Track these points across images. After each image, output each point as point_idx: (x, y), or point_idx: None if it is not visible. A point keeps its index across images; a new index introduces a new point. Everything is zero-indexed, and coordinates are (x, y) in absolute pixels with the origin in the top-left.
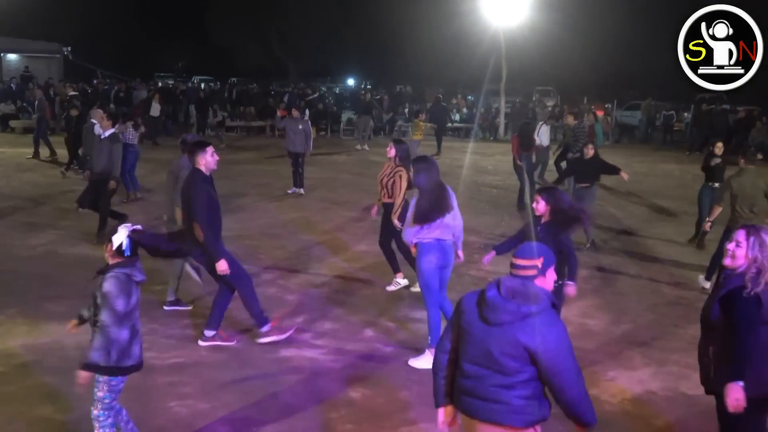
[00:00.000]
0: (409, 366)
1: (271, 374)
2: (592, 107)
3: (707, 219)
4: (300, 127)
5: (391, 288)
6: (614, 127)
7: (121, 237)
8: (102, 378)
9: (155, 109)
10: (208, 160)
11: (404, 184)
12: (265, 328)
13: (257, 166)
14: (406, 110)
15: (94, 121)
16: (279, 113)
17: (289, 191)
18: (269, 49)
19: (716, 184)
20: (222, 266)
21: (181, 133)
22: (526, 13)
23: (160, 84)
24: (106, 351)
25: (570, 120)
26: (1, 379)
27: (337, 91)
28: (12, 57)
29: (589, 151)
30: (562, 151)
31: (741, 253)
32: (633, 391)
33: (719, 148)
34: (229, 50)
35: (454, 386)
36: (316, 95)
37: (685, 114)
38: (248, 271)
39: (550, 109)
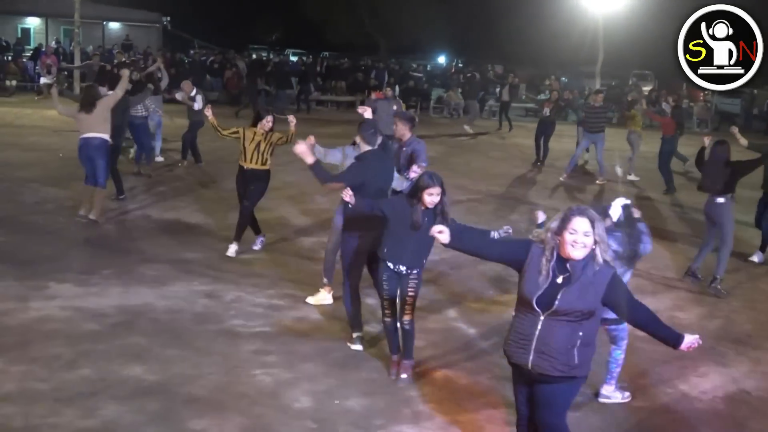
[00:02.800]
0: (488, 351)
1: (354, 349)
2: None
3: None
4: (394, 107)
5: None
6: (713, 114)
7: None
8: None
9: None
10: None
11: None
12: None
13: (345, 141)
14: (498, 89)
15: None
16: (374, 95)
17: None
18: (360, 24)
19: None
20: None
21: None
22: None
23: (254, 56)
24: None
25: (599, 99)
26: (94, 338)
27: (428, 68)
28: (114, 25)
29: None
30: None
31: (590, 240)
32: (725, 389)
33: None
34: (320, 24)
35: None
36: (421, 75)
37: None
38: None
39: (647, 93)
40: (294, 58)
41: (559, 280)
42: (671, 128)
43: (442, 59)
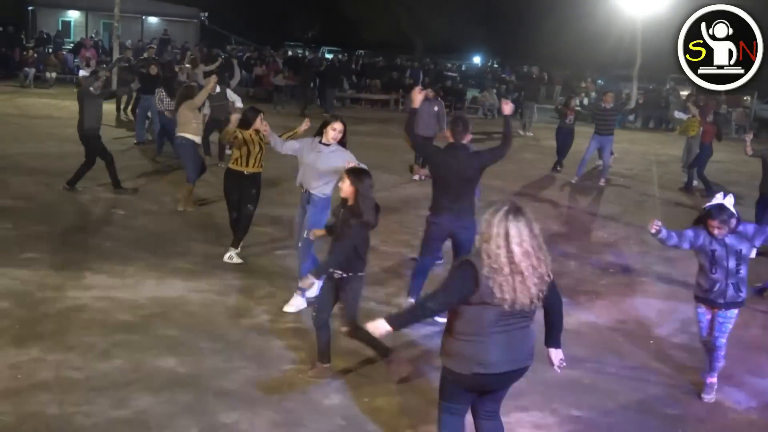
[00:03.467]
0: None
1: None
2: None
3: None
4: (435, 108)
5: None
6: (752, 120)
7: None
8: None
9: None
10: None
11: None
12: None
13: (378, 139)
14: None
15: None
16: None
17: (415, 177)
18: (396, 23)
19: None
20: None
21: (306, 102)
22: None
23: (289, 53)
24: None
25: (609, 100)
26: (128, 329)
27: (462, 68)
28: (153, 20)
29: None
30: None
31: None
32: (760, 399)
33: None
34: (356, 22)
35: None
36: (455, 74)
37: None
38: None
39: (684, 98)
40: (329, 56)
41: None
42: (711, 135)
43: (477, 59)
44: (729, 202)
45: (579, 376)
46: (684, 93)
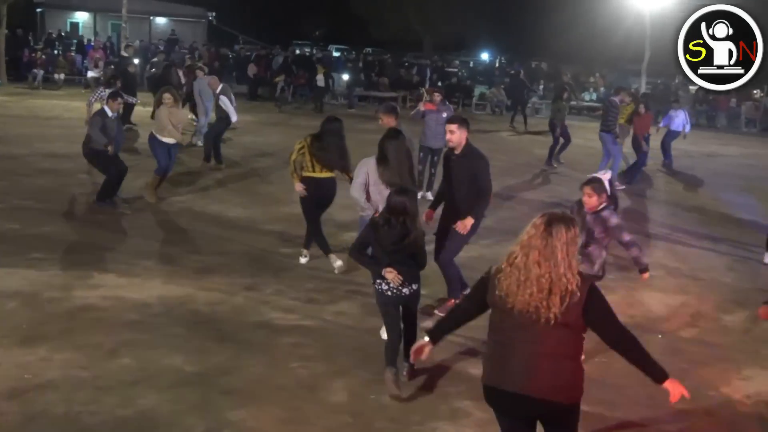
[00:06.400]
0: None
1: None
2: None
3: None
4: (444, 115)
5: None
6: (763, 114)
7: None
8: None
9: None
10: None
11: None
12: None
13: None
14: (541, 87)
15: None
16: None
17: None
18: (405, 20)
19: None
20: None
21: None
22: None
23: (297, 51)
24: None
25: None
26: (136, 327)
27: (470, 65)
28: (160, 20)
29: None
30: None
31: None
32: None
33: None
34: (365, 20)
35: None
36: (457, 70)
37: None
38: None
39: (694, 92)
40: (337, 54)
41: None
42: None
43: (485, 56)
44: (605, 177)
45: (588, 371)
46: (693, 88)
